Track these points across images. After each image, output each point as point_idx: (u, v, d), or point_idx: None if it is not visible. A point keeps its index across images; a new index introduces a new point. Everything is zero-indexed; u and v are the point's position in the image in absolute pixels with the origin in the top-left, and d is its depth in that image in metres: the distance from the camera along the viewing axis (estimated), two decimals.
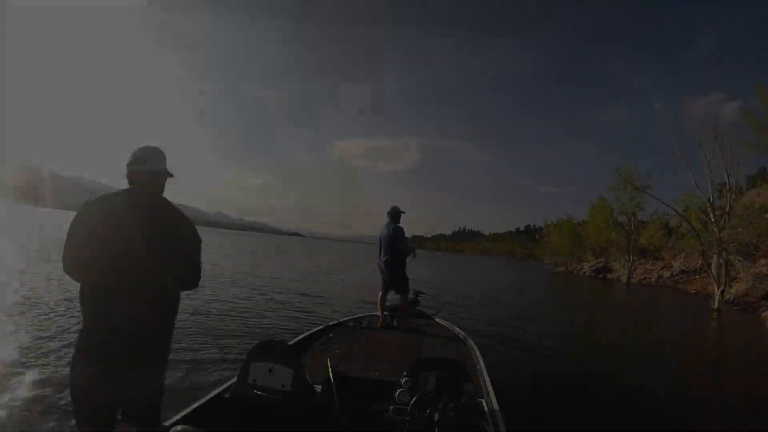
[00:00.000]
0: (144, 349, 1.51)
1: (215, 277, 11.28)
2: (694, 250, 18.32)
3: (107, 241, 1.48)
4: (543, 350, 6.50)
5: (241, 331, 5.83)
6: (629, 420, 3.99)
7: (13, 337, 4.51)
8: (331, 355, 3.32)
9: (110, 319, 1.47)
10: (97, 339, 1.47)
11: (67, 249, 1.51)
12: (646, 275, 33.11)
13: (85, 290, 1.51)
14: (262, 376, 2.07)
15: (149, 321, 1.53)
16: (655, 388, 4.91)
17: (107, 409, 1.54)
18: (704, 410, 4.37)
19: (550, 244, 52.65)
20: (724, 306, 15.58)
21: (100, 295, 1.49)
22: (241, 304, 7.92)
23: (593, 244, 40.11)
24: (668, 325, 11.90)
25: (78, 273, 1.52)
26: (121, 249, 1.47)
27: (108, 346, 1.45)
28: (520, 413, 3.66)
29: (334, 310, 8.31)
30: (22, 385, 3.31)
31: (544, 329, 8.56)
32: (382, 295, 4.85)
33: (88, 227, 1.51)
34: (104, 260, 1.48)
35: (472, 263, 59.17)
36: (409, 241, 4.85)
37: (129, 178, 1.61)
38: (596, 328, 10.29)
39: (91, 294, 1.50)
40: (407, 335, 4.34)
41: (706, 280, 26.41)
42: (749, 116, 16.17)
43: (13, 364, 3.77)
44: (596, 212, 37.89)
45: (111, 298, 1.48)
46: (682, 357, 7.47)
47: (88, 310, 1.50)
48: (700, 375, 6.02)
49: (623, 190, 28.66)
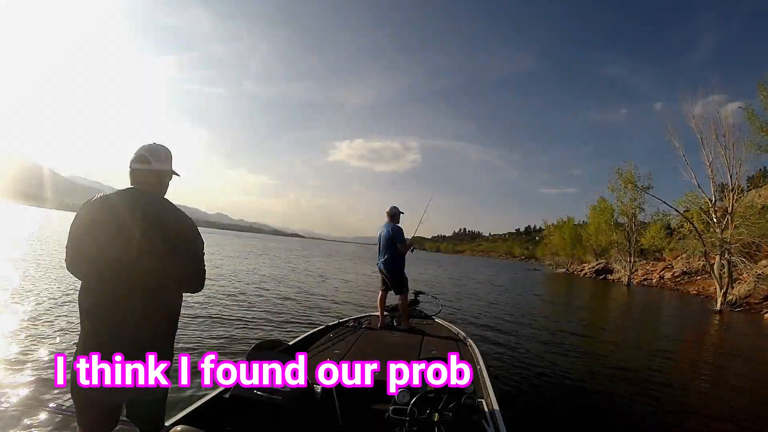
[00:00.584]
0: (145, 349, 1.49)
1: (215, 277, 11.31)
2: (696, 251, 18.22)
3: (107, 241, 1.46)
4: (543, 351, 6.47)
5: (241, 331, 5.82)
6: (628, 421, 3.95)
7: (13, 337, 4.48)
8: (331, 355, 3.31)
9: (110, 318, 1.45)
10: (97, 339, 1.45)
11: (68, 248, 1.50)
12: (647, 276, 33.05)
13: (84, 290, 1.49)
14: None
15: (149, 321, 1.50)
16: (656, 390, 4.87)
17: (110, 411, 1.52)
18: (708, 414, 4.28)
19: (550, 245, 52.67)
20: (727, 308, 15.52)
21: (100, 294, 1.47)
22: (240, 304, 7.92)
23: (594, 245, 40.05)
24: (670, 327, 11.80)
25: (79, 272, 1.51)
26: (121, 248, 1.45)
27: (108, 347, 1.43)
28: (520, 413, 3.65)
29: (334, 310, 8.30)
30: (22, 386, 3.29)
31: (545, 330, 8.54)
32: (381, 296, 4.83)
33: (88, 226, 1.49)
34: (104, 260, 1.46)
35: (472, 264, 58.80)
36: (408, 241, 4.85)
37: (131, 176, 1.58)
38: (597, 329, 10.20)
39: (91, 293, 1.48)
40: (407, 335, 4.33)
41: (707, 282, 26.35)
42: (751, 116, 16.06)
43: (14, 363, 3.74)
44: (597, 213, 37.82)
45: (110, 297, 1.46)
46: (684, 360, 7.38)
47: (88, 310, 1.48)
48: (703, 378, 5.88)
49: (624, 191, 28.71)
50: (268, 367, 2.06)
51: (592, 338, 8.68)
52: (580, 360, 6.34)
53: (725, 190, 17.31)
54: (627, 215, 30.84)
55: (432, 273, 25.90)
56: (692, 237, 17.86)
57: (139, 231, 1.46)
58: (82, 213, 1.50)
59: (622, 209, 31.12)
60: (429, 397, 1.91)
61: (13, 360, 3.82)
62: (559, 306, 14.96)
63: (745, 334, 11.14)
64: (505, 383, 4.47)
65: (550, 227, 53.04)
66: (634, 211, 29.82)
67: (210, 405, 2.16)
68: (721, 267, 16.38)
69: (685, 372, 6.36)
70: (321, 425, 2.02)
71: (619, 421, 3.95)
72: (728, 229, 16.19)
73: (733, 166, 16.59)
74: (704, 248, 16.90)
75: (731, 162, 16.65)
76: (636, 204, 29.03)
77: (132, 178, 1.58)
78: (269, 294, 9.69)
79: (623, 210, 30.89)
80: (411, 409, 1.86)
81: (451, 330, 4.62)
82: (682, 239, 19.72)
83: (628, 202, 29.47)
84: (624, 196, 29.22)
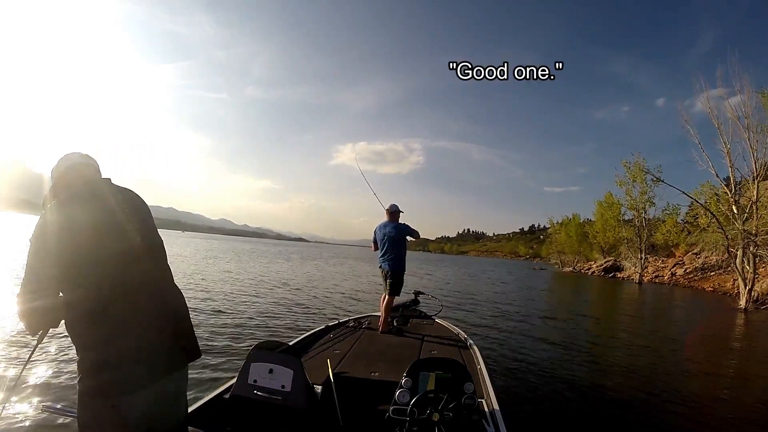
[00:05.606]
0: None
1: (215, 279, 11.53)
2: (718, 245, 17.09)
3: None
4: (546, 352, 6.20)
5: (241, 331, 5.84)
6: (636, 426, 3.67)
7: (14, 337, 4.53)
8: (331, 355, 3.30)
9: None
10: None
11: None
12: (658, 273, 31.96)
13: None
14: (263, 376, 2.08)
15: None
16: (673, 396, 4.48)
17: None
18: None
19: (556, 243, 51.72)
20: (752, 306, 14.31)
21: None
22: (241, 305, 8.01)
23: (601, 242, 38.97)
24: (693, 327, 10.83)
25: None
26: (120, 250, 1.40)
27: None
28: (520, 413, 3.63)
29: (334, 310, 8.31)
30: (23, 386, 3.26)
31: (549, 331, 8.14)
32: (388, 300, 4.55)
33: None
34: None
35: (476, 264, 58.47)
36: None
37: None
38: (609, 329, 9.45)
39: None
40: (407, 335, 4.31)
41: (722, 278, 25.32)
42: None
43: (14, 363, 3.84)
44: (604, 209, 36.67)
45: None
46: (709, 364, 6.49)
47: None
48: (730, 386, 5.15)
49: (632, 184, 27.70)
50: (268, 367, 2.08)
51: (603, 339, 8.07)
52: (589, 361, 5.96)
53: (743, 180, 16.09)
54: (637, 209, 29.56)
55: (434, 274, 25.37)
56: (712, 230, 16.66)
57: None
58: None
59: (630, 204, 29.76)
60: (429, 397, 1.90)
61: (13, 361, 3.90)
62: (568, 305, 14.21)
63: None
64: (506, 383, 4.44)
65: (556, 225, 52.04)
66: (644, 205, 28.59)
67: (210, 405, 2.18)
68: (742, 262, 15.21)
69: (709, 378, 5.51)
70: (321, 425, 2.01)
71: (625, 425, 3.69)
72: (752, 220, 14.97)
73: (759, 151, 15.17)
74: (726, 242, 15.68)
75: (756, 145, 15.21)
76: (646, 198, 27.87)
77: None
78: (269, 294, 9.78)
79: (632, 204, 29.60)
80: (411, 409, 1.87)
81: (451, 330, 4.59)
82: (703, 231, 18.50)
83: (638, 196, 28.31)
84: (633, 189, 28.22)
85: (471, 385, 2.00)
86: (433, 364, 2.07)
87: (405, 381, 2.02)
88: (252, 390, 2.06)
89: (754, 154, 15.36)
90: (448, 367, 2.06)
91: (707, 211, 17.24)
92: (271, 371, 2.07)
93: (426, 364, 2.08)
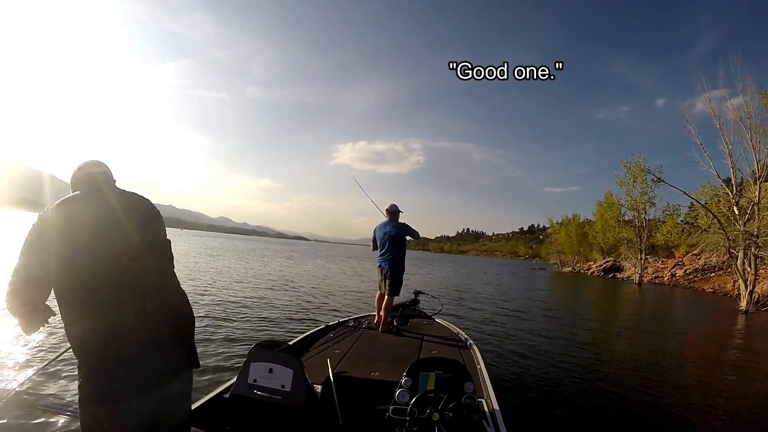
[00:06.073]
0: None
1: (216, 278, 11.50)
2: (719, 246, 17.01)
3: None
4: (546, 352, 6.18)
5: (241, 331, 5.81)
6: (636, 426, 3.69)
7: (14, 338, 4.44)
8: (331, 355, 3.30)
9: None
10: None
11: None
12: (658, 274, 31.92)
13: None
14: (262, 376, 2.07)
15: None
16: (673, 397, 4.48)
17: None
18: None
19: (556, 243, 51.70)
20: (753, 307, 14.24)
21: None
22: (241, 304, 7.96)
23: (601, 243, 38.93)
24: (693, 329, 10.79)
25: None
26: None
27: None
28: (520, 413, 3.62)
29: (334, 311, 8.27)
30: (23, 386, 3.21)
31: (549, 331, 8.11)
32: (388, 300, 4.53)
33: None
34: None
35: (476, 264, 58.29)
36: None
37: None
38: (609, 330, 9.43)
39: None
40: (407, 335, 4.30)
41: (723, 279, 25.29)
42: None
43: (14, 363, 3.82)
44: (604, 209, 36.59)
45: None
46: (709, 365, 6.47)
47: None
48: (730, 387, 5.14)
49: (634, 184, 27.62)
50: (268, 367, 2.07)
51: (603, 339, 8.05)
52: (589, 362, 5.91)
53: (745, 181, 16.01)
54: (637, 210, 29.48)
55: (434, 274, 25.32)
56: (713, 231, 16.57)
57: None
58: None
59: (630, 204, 29.66)
60: (429, 397, 1.91)
61: (14, 360, 3.91)
62: (566, 306, 14.17)
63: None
64: (506, 383, 4.43)
65: (556, 225, 52.01)
66: (645, 205, 28.50)
67: (210, 405, 2.18)
68: (744, 263, 15.16)
69: (711, 380, 5.47)
70: (321, 425, 2.02)
71: (625, 425, 3.71)
72: (753, 221, 14.88)
73: (761, 152, 15.04)
74: (728, 243, 15.58)
75: (758, 146, 15.08)
76: (647, 198, 27.80)
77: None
78: (269, 294, 9.72)
79: (632, 205, 29.50)
80: (411, 409, 1.87)
81: (451, 330, 4.58)
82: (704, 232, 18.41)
83: (638, 196, 28.23)
84: (633, 190, 28.14)
85: (471, 385, 2.00)
86: (433, 363, 2.07)
87: (405, 381, 2.03)
88: (252, 389, 2.06)
89: (756, 155, 15.27)
90: (448, 366, 2.06)
91: (708, 212, 17.13)
92: (271, 371, 2.07)
93: (426, 363, 2.08)
